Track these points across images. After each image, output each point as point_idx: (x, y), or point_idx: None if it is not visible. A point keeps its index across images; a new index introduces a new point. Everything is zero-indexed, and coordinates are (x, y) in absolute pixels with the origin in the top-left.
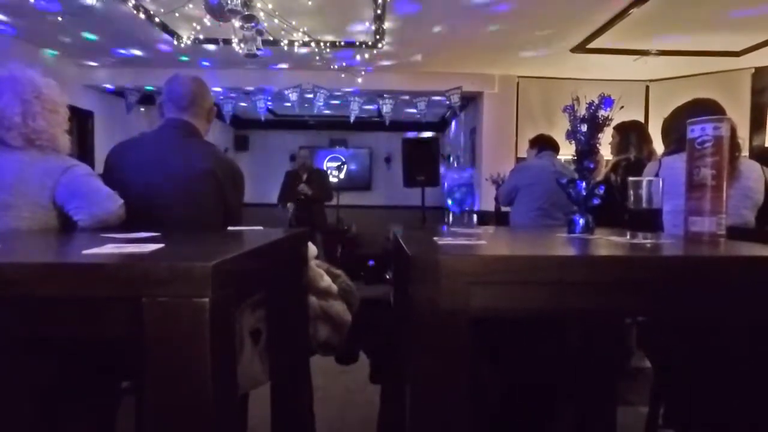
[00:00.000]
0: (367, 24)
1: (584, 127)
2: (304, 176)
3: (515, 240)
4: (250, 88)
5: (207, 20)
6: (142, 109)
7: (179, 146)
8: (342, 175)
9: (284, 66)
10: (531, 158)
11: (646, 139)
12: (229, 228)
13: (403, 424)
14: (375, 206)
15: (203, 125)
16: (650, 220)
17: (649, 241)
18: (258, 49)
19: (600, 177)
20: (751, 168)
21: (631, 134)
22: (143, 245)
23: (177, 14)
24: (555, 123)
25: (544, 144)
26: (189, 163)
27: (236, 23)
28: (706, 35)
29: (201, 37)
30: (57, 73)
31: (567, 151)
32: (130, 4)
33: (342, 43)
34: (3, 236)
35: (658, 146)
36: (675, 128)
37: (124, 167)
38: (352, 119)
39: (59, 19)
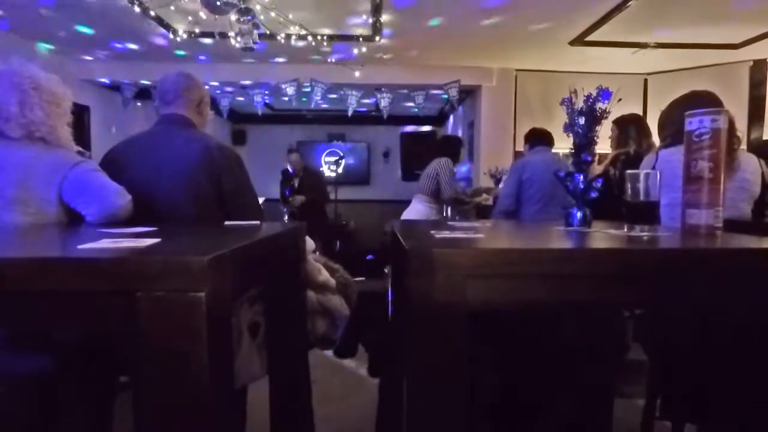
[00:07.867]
0: (365, 17)
1: (582, 120)
2: (296, 180)
3: (512, 233)
4: (247, 82)
5: (203, 14)
6: (139, 104)
7: (172, 138)
8: (340, 170)
9: (281, 60)
10: (526, 154)
11: (645, 133)
12: (227, 222)
13: (402, 418)
14: (373, 200)
15: (196, 117)
16: (648, 212)
17: (646, 233)
18: (254, 42)
19: (598, 171)
20: (748, 160)
21: (631, 128)
22: (139, 240)
23: (172, 8)
24: (553, 116)
25: (536, 139)
26: (183, 153)
27: (232, 17)
28: (704, 28)
29: (197, 30)
30: (52, 67)
31: (565, 144)
32: None
33: (339, 37)
34: None
35: (657, 139)
36: (672, 121)
37: (120, 164)
38: (350, 113)
39: (52, 13)
